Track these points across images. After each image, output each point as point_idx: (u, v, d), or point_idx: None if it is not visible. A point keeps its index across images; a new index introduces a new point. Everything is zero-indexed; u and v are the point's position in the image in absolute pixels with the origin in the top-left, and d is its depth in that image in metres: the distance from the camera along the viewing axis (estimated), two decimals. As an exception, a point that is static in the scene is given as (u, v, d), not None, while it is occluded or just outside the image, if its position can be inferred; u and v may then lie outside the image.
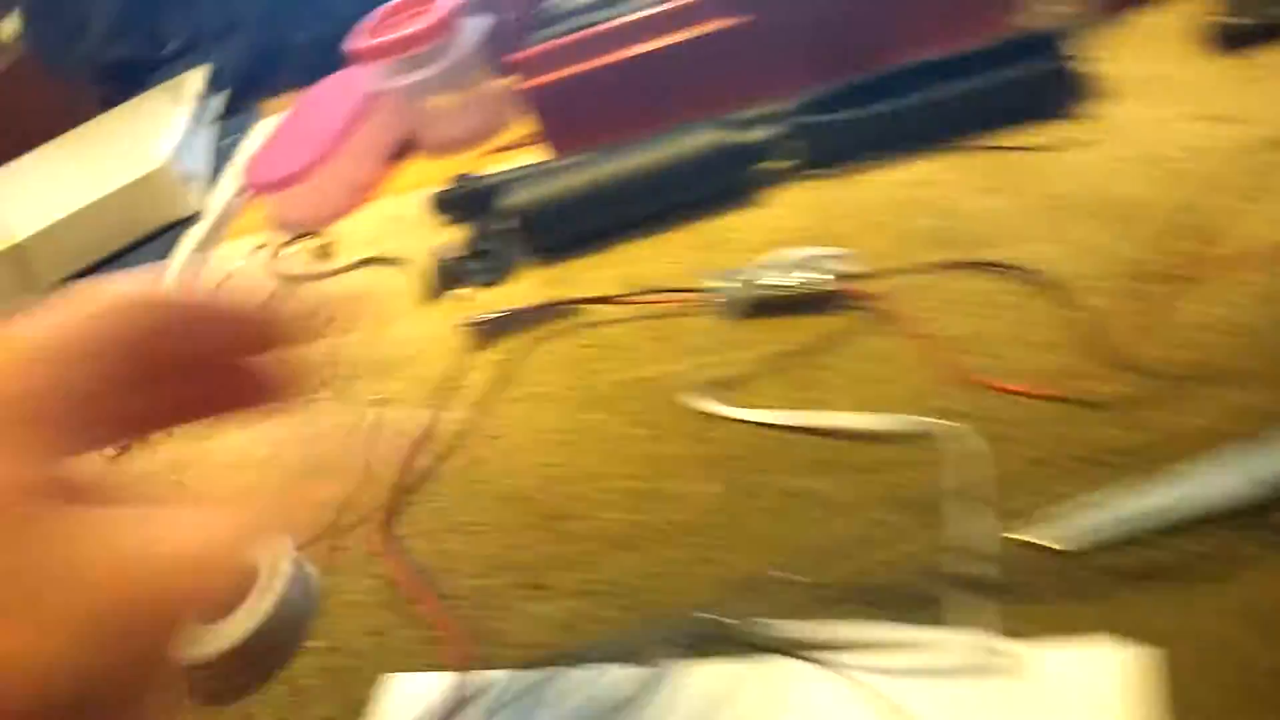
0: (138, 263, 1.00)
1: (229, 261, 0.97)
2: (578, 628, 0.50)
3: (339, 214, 0.96)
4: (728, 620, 0.45)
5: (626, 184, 0.74)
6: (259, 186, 0.97)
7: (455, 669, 0.50)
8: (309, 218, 0.95)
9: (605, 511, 0.55)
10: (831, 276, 0.60)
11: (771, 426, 0.55)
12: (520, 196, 0.76)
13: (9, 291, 0.96)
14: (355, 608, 0.57)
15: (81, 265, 1.02)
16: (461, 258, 0.79)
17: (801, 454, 0.53)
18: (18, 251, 0.88)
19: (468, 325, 0.71)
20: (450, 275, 0.79)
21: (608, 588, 0.51)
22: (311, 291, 0.87)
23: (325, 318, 0.33)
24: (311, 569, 0.60)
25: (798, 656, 0.43)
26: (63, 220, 1.00)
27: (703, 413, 0.58)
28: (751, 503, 0.52)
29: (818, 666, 0.42)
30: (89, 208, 1.01)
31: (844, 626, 0.43)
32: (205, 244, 1.02)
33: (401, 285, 0.82)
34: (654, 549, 0.52)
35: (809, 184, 0.72)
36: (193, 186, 1.04)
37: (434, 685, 0.49)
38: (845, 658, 0.42)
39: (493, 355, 0.70)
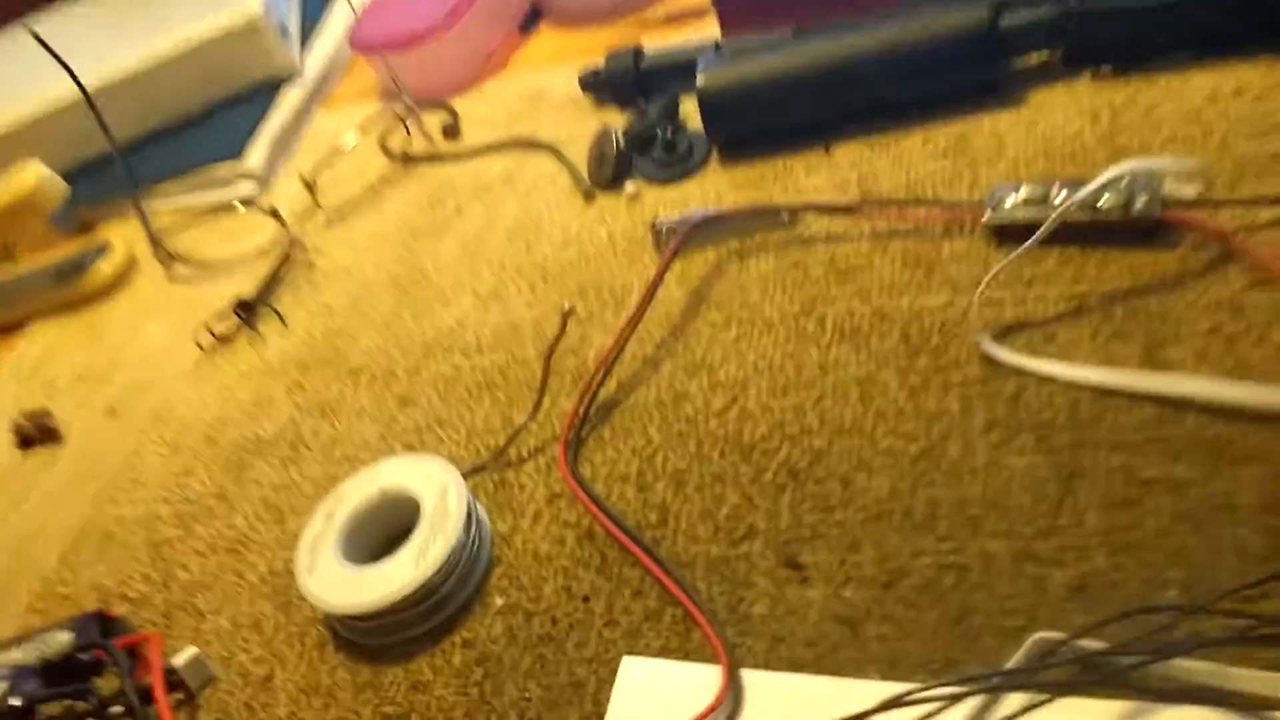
0: (223, 128, 0.88)
1: (334, 135, 0.84)
2: (861, 627, 0.39)
3: (463, 86, 0.83)
4: (1093, 649, 0.34)
5: (843, 72, 0.61)
6: (369, 48, 0.84)
7: (712, 662, 0.39)
8: (427, 87, 0.82)
9: (866, 476, 0.44)
10: (1157, 202, 0.47)
11: (1096, 388, 0.44)
12: (708, 79, 0.63)
13: (80, 146, 0.84)
14: (545, 563, 0.47)
15: (158, 123, 0.89)
16: (630, 147, 0.67)
17: (1142, 428, 0.42)
18: (87, 103, 0.76)
19: (653, 228, 0.59)
20: (617, 167, 0.66)
21: (889, 577, 0.41)
22: (435, 176, 0.75)
23: None
24: (482, 509, 0.50)
25: (1210, 704, 0.32)
26: (138, 72, 0.87)
27: (990, 362, 0.46)
28: (1088, 487, 0.40)
29: (1242, 723, 0.32)
30: (168, 60, 0.88)
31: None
32: (302, 112, 0.89)
33: (550, 175, 0.70)
34: (950, 532, 0.41)
35: (1082, 85, 0.59)
36: (287, 43, 0.90)
37: (686, 678, 0.39)
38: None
39: (683, 267, 0.58)
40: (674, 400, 0.52)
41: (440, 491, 0.48)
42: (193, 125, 0.89)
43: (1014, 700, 0.34)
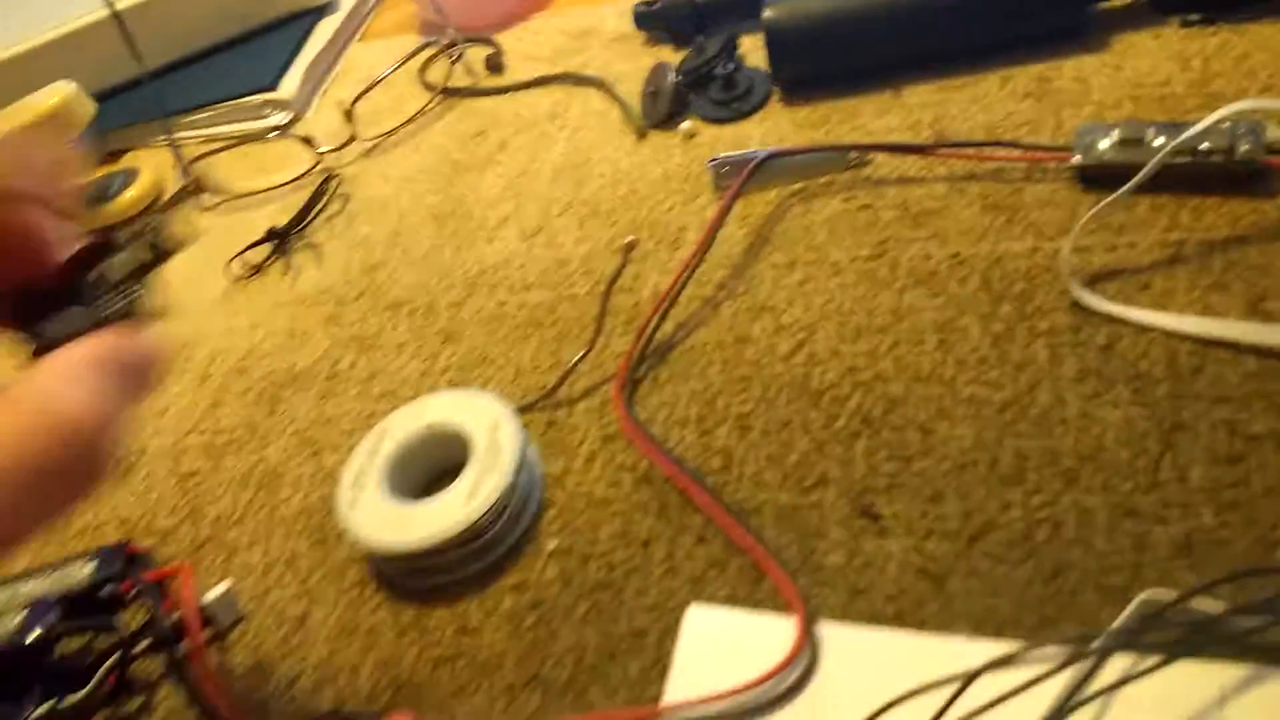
0: (257, 58, 0.84)
1: (370, 67, 0.81)
2: (946, 582, 0.37)
3: (507, 21, 0.80)
4: (1208, 610, 0.32)
5: (919, 11, 0.58)
6: (408, -23, 0.80)
7: (784, 613, 0.37)
8: (469, 21, 0.79)
9: (948, 425, 0.42)
10: (1260, 148, 0.45)
11: (1196, 339, 0.41)
12: (776, 13, 0.60)
13: (112, 68, 0.81)
14: (600, 506, 0.44)
15: (190, 50, 0.86)
16: (687, 84, 0.64)
17: (1246, 381, 0.39)
18: (116, 22, 0.72)
19: (713, 167, 0.57)
20: (672, 105, 0.63)
21: (975, 530, 0.38)
22: (481, 110, 0.72)
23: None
24: (533, 450, 0.47)
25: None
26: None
27: (1080, 310, 0.44)
28: (1190, 441, 0.38)
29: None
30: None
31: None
32: (337, 43, 0.86)
33: (600, 112, 0.67)
34: (1040, 485, 0.39)
35: (1170, 32, 0.56)
36: (322, -29, 0.87)
37: (757, 629, 0.37)
38: None
39: (744, 207, 0.56)
40: (735, 343, 0.49)
41: (492, 427, 0.45)
42: (226, 54, 0.86)
43: (1120, 663, 0.32)
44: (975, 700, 0.29)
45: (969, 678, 0.29)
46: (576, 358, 0.50)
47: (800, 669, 0.36)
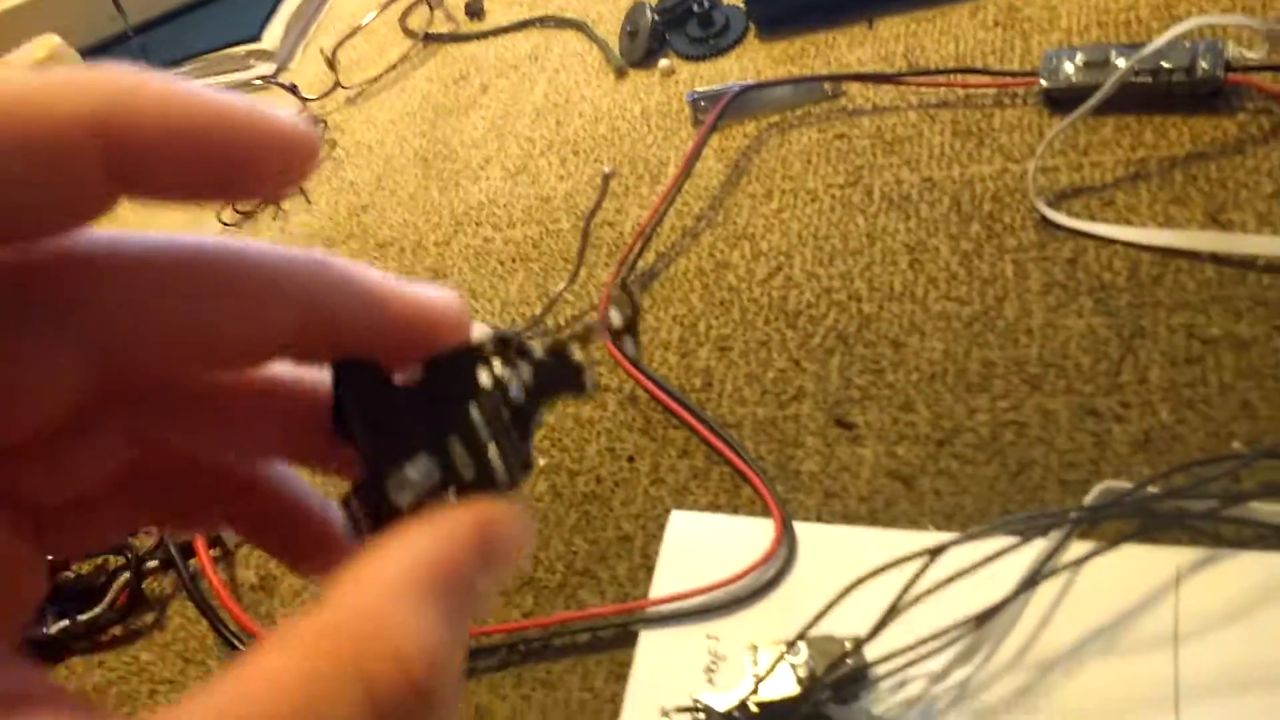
0: (239, 9, 0.85)
1: (352, 16, 0.82)
2: (915, 482, 0.39)
3: (485, -34, 0.80)
4: (1161, 494, 0.34)
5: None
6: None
7: (763, 517, 0.39)
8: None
9: (918, 339, 0.44)
10: (1220, 65, 0.46)
11: (1156, 250, 0.43)
12: (750, -52, 0.61)
13: (96, 24, 0.81)
14: (587, 426, 0.46)
15: (173, 4, 0.86)
16: (664, 23, 0.65)
17: (1204, 288, 0.41)
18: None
19: (691, 101, 0.58)
20: (650, 43, 0.64)
21: (944, 435, 0.40)
22: (459, 55, 0.73)
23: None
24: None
25: (1281, 548, 0.32)
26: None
27: (1049, 226, 0.45)
28: (1150, 346, 0.40)
29: (1314, 564, 0.32)
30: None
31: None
32: (317, -9, 0.86)
33: (579, 53, 0.68)
34: (1006, 391, 0.40)
35: (1136, -42, 0.57)
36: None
37: (737, 531, 0.39)
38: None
39: (722, 141, 0.57)
40: (715, 270, 0.50)
41: (480, 354, 0.47)
42: (209, 7, 0.86)
43: (1078, 548, 0.34)
44: (942, 575, 0.31)
45: (934, 551, 0.31)
46: (560, 288, 0.51)
47: (777, 565, 0.38)
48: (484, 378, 0.17)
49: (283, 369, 0.19)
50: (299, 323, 0.17)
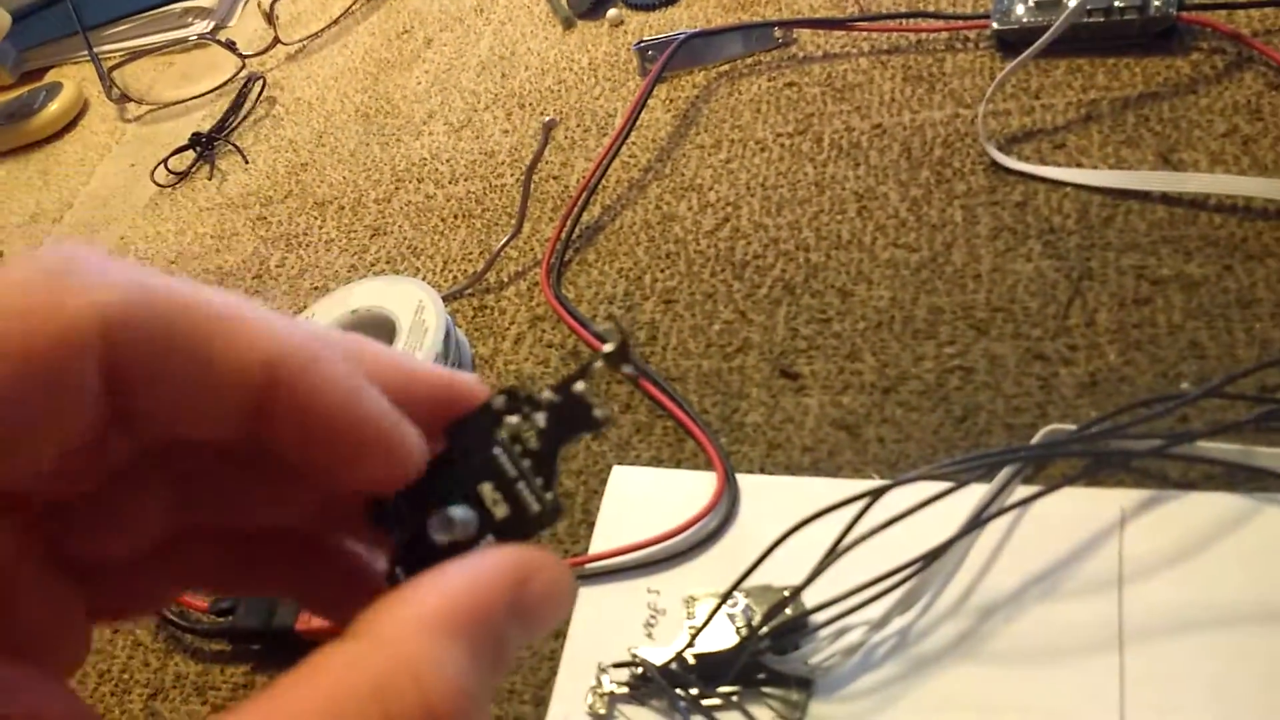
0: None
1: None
2: (860, 431, 0.38)
3: (431, -82, 0.78)
4: (1121, 437, 0.33)
5: (841, -114, 0.57)
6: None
7: (706, 470, 0.38)
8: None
9: (865, 288, 0.42)
10: (1174, 3, 0.45)
11: (1107, 191, 0.42)
12: (699, -107, 0.59)
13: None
14: (529, 383, 0.44)
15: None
16: (612, -29, 0.63)
17: (1154, 229, 0.40)
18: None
19: (638, 49, 0.56)
20: (598, -8, 0.62)
21: (889, 382, 0.39)
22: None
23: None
24: (461, 333, 0.47)
25: (1228, 489, 0.31)
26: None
27: (999, 170, 0.44)
28: (1098, 288, 0.39)
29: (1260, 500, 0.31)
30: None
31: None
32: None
33: (525, 4, 0.66)
34: (953, 337, 0.39)
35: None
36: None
37: (679, 485, 0.38)
38: (1294, 494, 0.31)
39: (670, 91, 0.55)
40: (661, 222, 0.49)
41: (416, 309, 0.45)
42: None
43: (1021, 491, 0.33)
44: (887, 514, 0.30)
45: (873, 494, 0.30)
46: (502, 242, 0.50)
47: (719, 517, 0.37)
48: (501, 433, 0.18)
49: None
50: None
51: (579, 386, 0.18)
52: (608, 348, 0.18)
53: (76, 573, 0.17)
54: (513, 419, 0.18)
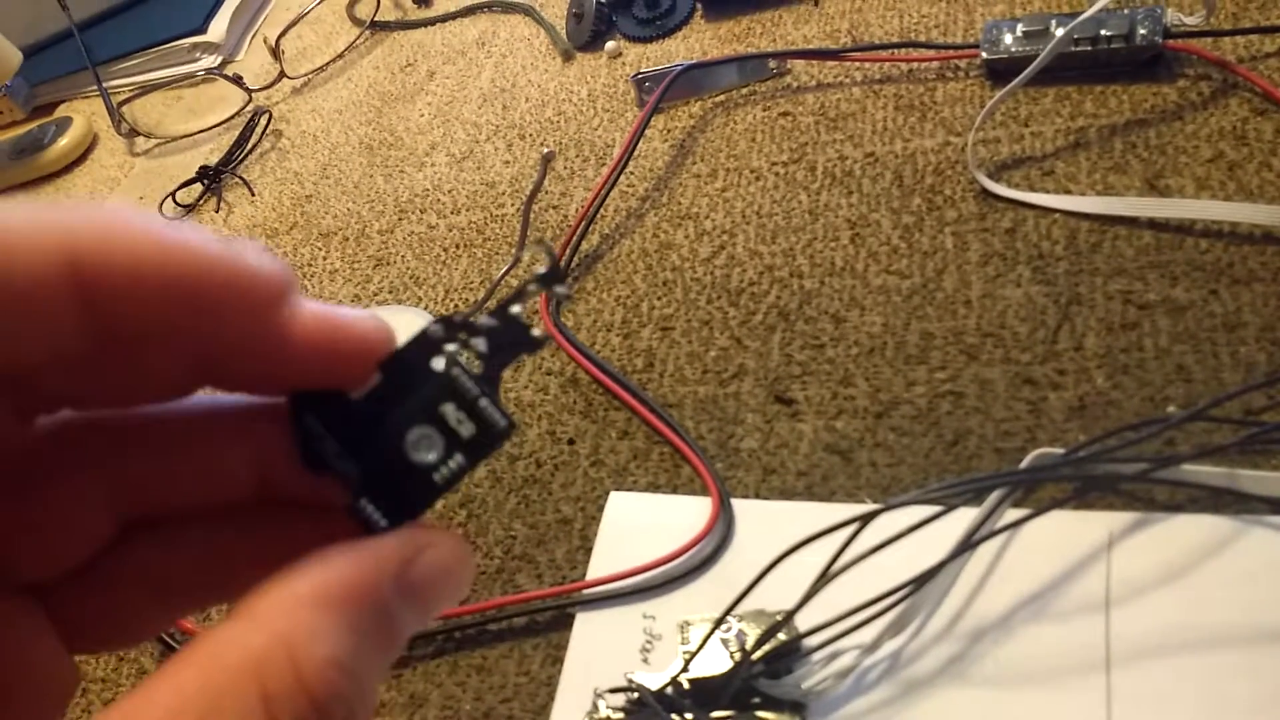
0: (184, 1, 0.83)
1: (301, 6, 0.80)
2: (853, 455, 0.38)
3: (434, -47, 0.79)
4: (1091, 457, 0.33)
5: (834, -81, 0.58)
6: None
7: (702, 495, 0.39)
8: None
9: (858, 314, 0.43)
10: (1159, 31, 0.46)
11: (1094, 218, 0.42)
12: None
13: (40, 22, 0.80)
14: (528, 409, 0.45)
15: (115, -2, 0.85)
16: (610, 5, 0.64)
17: (1141, 254, 0.40)
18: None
19: (636, 81, 0.57)
20: (596, 25, 0.64)
21: (882, 407, 0.39)
22: (407, 43, 0.72)
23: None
24: (461, 363, 0.48)
25: (1217, 511, 0.32)
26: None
27: (989, 198, 0.45)
28: (1086, 313, 0.39)
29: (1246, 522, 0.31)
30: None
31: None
32: (265, -17, 0.85)
33: (526, 37, 0.67)
34: (944, 362, 0.40)
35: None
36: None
37: (675, 510, 0.38)
38: (1280, 516, 0.31)
39: (667, 121, 0.56)
40: (659, 250, 0.50)
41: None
42: (152, 0, 0.85)
43: (1010, 515, 0.33)
44: (878, 538, 0.30)
45: (864, 519, 0.31)
46: (502, 272, 0.51)
47: (714, 542, 0.37)
48: (441, 361, 0.18)
49: None
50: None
51: (515, 309, 0.18)
52: (540, 269, 0.18)
53: (36, 597, 0.17)
54: (450, 346, 0.18)
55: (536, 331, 0.18)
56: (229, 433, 0.18)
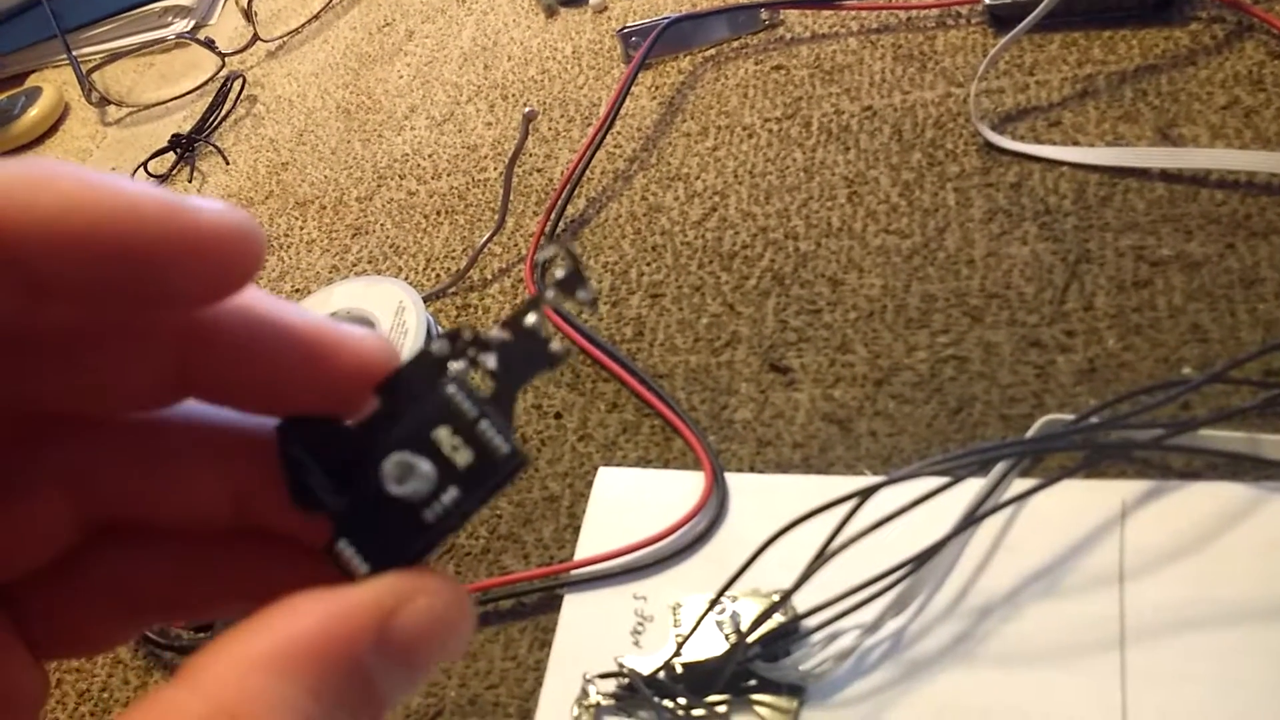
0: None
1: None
2: (851, 425, 0.37)
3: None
4: (1102, 424, 0.32)
5: None
6: None
7: (694, 469, 0.37)
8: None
9: (856, 276, 0.41)
10: (1170, -27, 0.43)
11: (1104, 170, 0.40)
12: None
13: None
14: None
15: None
16: (594, -44, 0.61)
17: (1153, 208, 0.38)
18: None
19: (621, 35, 0.55)
20: (580, -22, 0.61)
21: (882, 374, 0.38)
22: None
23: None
24: (443, 329, 0.46)
25: (1234, 479, 0.30)
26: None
27: (993, 151, 0.43)
28: (1096, 271, 0.37)
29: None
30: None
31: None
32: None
33: (509, -7, 0.65)
34: (947, 326, 0.38)
35: None
36: None
37: (667, 485, 0.36)
38: (1303, 482, 0.29)
39: (655, 78, 0.54)
40: (648, 213, 0.48)
41: (397, 310, 0.44)
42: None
43: (1018, 485, 0.32)
44: (874, 518, 0.29)
45: (864, 493, 0.29)
46: (484, 239, 0.49)
47: (708, 518, 0.36)
48: (448, 386, 0.15)
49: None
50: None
51: (531, 320, 0.15)
52: (559, 274, 0.15)
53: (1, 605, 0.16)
54: (457, 365, 0.15)
55: (556, 346, 0.15)
56: (206, 454, 0.16)
